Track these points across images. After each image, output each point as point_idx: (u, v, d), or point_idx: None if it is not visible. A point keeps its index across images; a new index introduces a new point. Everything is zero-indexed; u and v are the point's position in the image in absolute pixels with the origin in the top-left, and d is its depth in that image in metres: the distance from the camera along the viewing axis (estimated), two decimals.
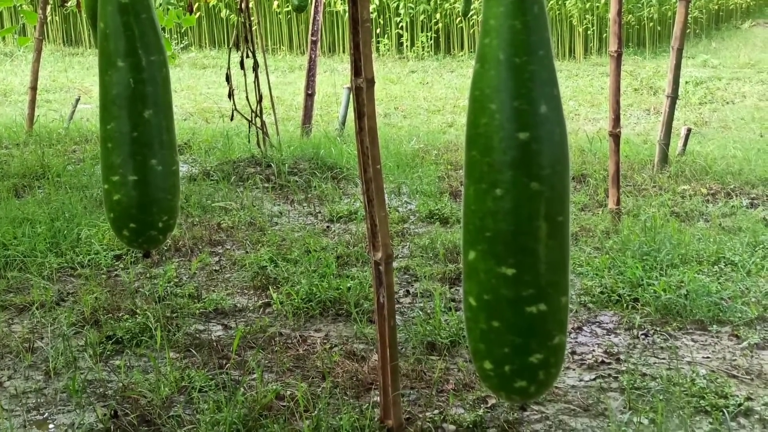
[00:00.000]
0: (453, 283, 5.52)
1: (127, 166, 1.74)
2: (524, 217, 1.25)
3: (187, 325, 4.88)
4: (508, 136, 1.22)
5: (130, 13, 1.74)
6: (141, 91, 1.73)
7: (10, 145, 9.86)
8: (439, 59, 19.06)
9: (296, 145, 9.13)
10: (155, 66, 1.76)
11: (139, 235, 1.79)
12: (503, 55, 1.22)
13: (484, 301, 1.30)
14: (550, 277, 1.26)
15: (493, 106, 1.22)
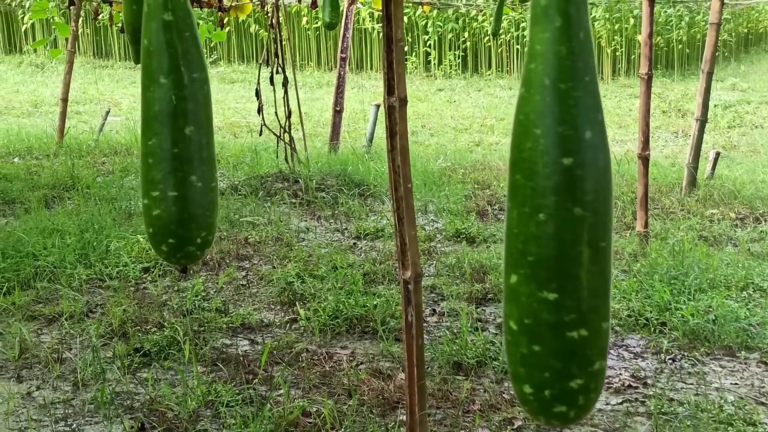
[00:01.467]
0: (479, 302, 5.51)
1: (168, 182, 1.75)
2: (567, 243, 1.25)
3: (214, 339, 4.89)
4: (552, 161, 1.22)
5: (174, 30, 1.76)
6: (182, 107, 1.74)
7: (40, 155, 9.96)
8: (466, 78, 19.09)
9: (324, 162, 9.17)
10: (197, 83, 1.77)
11: (177, 250, 1.80)
12: (548, 80, 1.23)
13: (525, 325, 1.30)
14: (592, 303, 1.26)
15: (537, 131, 1.23)
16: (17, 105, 15.08)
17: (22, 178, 8.56)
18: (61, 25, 9.99)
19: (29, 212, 7.18)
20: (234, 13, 9.33)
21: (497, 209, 7.79)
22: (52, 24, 18.30)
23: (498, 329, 5.11)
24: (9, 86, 17.34)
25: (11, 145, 10.50)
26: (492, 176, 8.89)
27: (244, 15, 9.75)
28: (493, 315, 5.34)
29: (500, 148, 11.61)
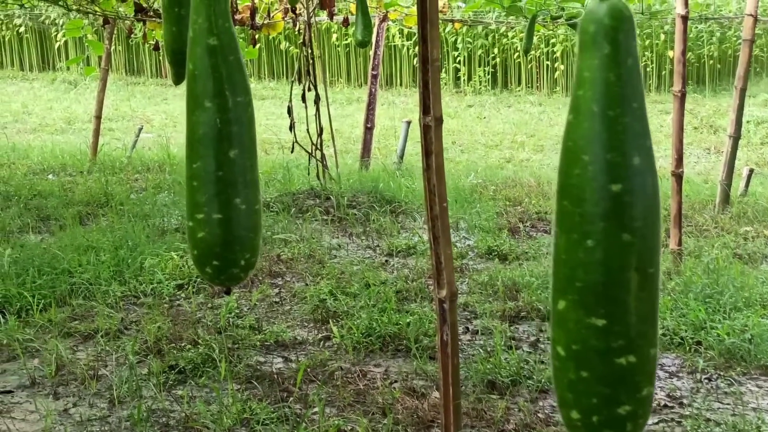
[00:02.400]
0: (513, 320, 5.50)
1: (212, 205, 1.77)
2: (615, 269, 1.25)
3: (248, 356, 4.91)
4: (601, 187, 1.23)
5: (219, 55, 1.78)
6: (227, 131, 1.76)
7: (74, 172, 10.05)
8: (496, 94, 19.08)
9: (355, 179, 9.19)
10: (241, 107, 1.79)
11: (221, 272, 1.82)
12: (597, 107, 1.24)
13: (572, 351, 1.30)
14: (640, 329, 1.27)
15: (586, 158, 1.24)
16: (51, 122, 15.24)
17: (57, 195, 8.64)
18: (95, 43, 10.08)
19: (64, 229, 7.25)
20: (266, 31, 9.39)
21: (529, 226, 7.78)
22: (85, 42, 18.50)
23: (532, 348, 5.09)
24: (43, 103, 17.52)
25: (46, 162, 10.61)
26: (523, 193, 8.88)
27: (276, 32, 9.81)
28: (527, 333, 5.32)
29: (531, 165, 11.59)
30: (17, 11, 19.14)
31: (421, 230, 7.62)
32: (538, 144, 13.31)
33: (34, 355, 4.94)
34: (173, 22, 2.66)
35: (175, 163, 10.35)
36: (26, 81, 21.49)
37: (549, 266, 5.05)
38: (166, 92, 19.59)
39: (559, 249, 1.33)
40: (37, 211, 7.99)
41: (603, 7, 1.28)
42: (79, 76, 20.70)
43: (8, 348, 4.99)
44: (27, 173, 9.95)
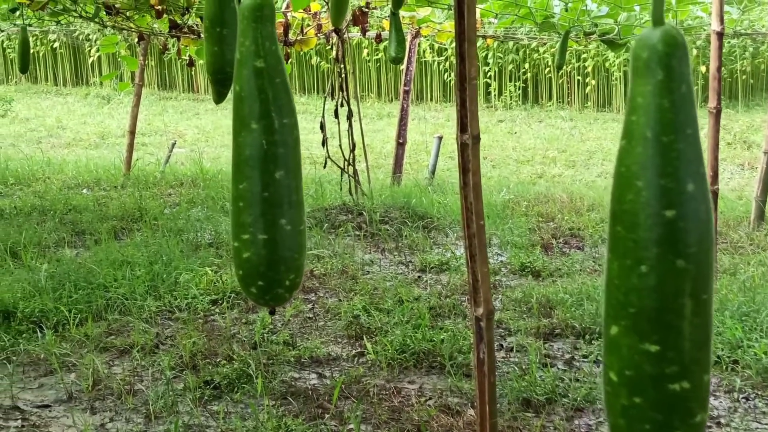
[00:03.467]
0: (547, 338, 5.48)
1: (258, 225, 1.79)
2: (669, 295, 1.25)
3: (282, 372, 4.92)
4: (655, 213, 1.23)
5: (265, 77, 1.80)
6: (273, 152, 1.78)
7: (108, 187, 10.14)
8: (527, 109, 19.05)
9: (387, 194, 9.21)
10: (287, 128, 1.81)
11: (266, 292, 1.83)
12: (650, 133, 1.24)
13: (625, 377, 1.30)
14: (694, 355, 1.26)
15: (639, 183, 1.24)
16: (85, 137, 15.38)
17: (92, 210, 8.72)
18: (130, 59, 10.19)
19: (99, 243, 7.31)
20: (298, 47, 9.43)
21: (562, 243, 7.75)
22: (119, 58, 18.68)
23: (567, 365, 5.07)
24: (77, 118, 17.69)
25: (80, 177, 10.71)
26: (556, 209, 8.85)
27: (309, 48, 9.86)
28: (561, 351, 5.30)
29: (563, 180, 11.55)
30: (52, 27, 19.33)
31: (454, 246, 7.62)
32: (569, 159, 13.27)
33: (70, 370, 4.98)
34: (215, 42, 2.69)
35: (208, 178, 10.42)
36: (60, 96, 21.71)
37: (581, 282, 5.03)
38: (198, 107, 19.72)
39: (611, 274, 1.32)
40: (72, 226, 8.06)
41: (656, 33, 1.28)
42: (112, 91, 20.89)
43: (45, 362, 5.04)
44: (62, 188, 10.04)
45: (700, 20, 12.31)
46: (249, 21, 1.89)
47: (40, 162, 11.67)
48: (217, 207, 8.90)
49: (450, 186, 10.21)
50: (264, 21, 1.89)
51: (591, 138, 15.31)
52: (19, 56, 7.29)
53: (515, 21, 7.77)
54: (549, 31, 8.19)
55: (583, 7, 6.95)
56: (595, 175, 12.19)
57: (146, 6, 7.74)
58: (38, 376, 4.91)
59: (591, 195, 9.64)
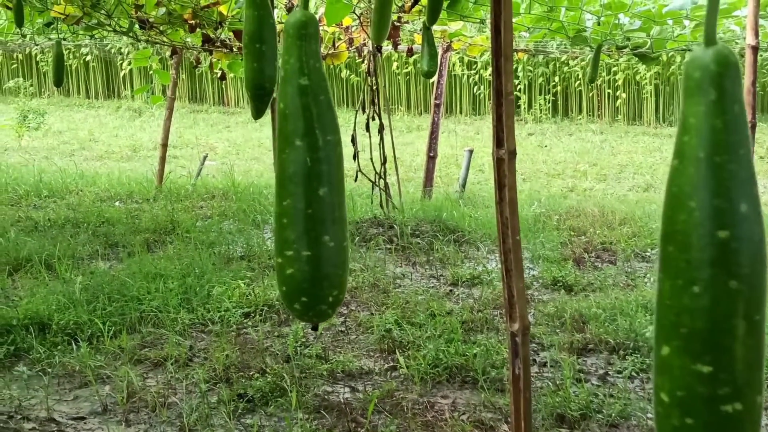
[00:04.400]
0: (580, 353, 5.45)
1: (301, 242, 1.79)
2: (722, 316, 1.24)
3: (315, 386, 4.93)
4: (707, 233, 1.22)
5: (309, 94, 1.81)
6: (317, 169, 1.78)
7: (140, 200, 10.20)
8: (557, 122, 19.01)
9: (418, 207, 9.21)
10: (330, 145, 1.82)
11: (309, 308, 1.84)
12: (703, 153, 1.24)
13: (677, 398, 1.29)
14: (747, 376, 1.25)
15: (692, 204, 1.23)
16: (117, 149, 15.50)
17: (124, 222, 8.78)
18: (162, 72, 10.26)
19: (132, 256, 7.36)
20: (330, 61, 9.46)
21: (594, 257, 7.72)
22: (150, 71, 18.81)
23: (600, 381, 5.04)
24: (109, 131, 17.83)
25: (113, 189, 10.78)
26: (587, 223, 8.81)
27: (340, 62, 9.89)
28: (595, 366, 5.27)
29: (594, 194, 11.51)
30: (86, 41, 19.52)
31: (485, 260, 7.61)
32: (600, 173, 13.21)
33: (105, 382, 5.01)
34: (254, 58, 2.70)
35: (240, 191, 10.47)
36: (92, 108, 21.90)
37: (614, 297, 5.00)
38: (229, 120, 19.83)
39: (663, 295, 1.32)
40: (105, 238, 8.11)
41: (708, 53, 1.28)
42: (143, 104, 21.05)
43: (80, 374, 5.07)
44: (95, 200, 10.11)
45: (732, 34, 12.23)
46: (294, 39, 1.90)
47: (73, 174, 11.77)
48: (249, 220, 8.93)
49: (481, 200, 10.21)
50: (308, 39, 1.90)
51: (622, 151, 15.24)
52: (54, 70, 7.36)
53: (546, 35, 7.77)
54: (581, 44, 8.16)
55: (615, 21, 6.93)
56: (626, 189, 12.13)
57: (180, 20, 7.80)
58: (73, 388, 4.94)
59: (623, 209, 9.59)
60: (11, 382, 4.95)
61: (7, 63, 23.98)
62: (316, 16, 8.30)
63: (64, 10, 7.41)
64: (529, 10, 7.15)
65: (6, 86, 22.87)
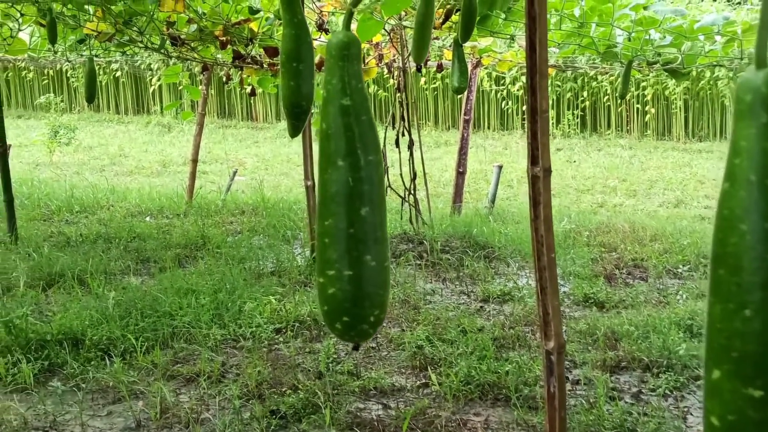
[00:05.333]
0: (613, 370, 5.42)
1: (343, 261, 1.80)
2: None
3: (348, 402, 4.93)
4: (759, 257, 1.22)
5: (351, 114, 1.82)
6: (359, 189, 1.79)
7: (171, 215, 10.25)
8: (585, 137, 18.95)
9: (447, 223, 9.20)
10: (372, 165, 1.83)
11: (351, 328, 1.84)
12: (755, 176, 1.23)
13: (728, 422, 1.29)
14: None
15: (743, 227, 1.23)
16: (147, 165, 15.60)
17: (155, 237, 8.83)
18: (193, 88, 10.34)
19: (164, 271, 7.40)
20: None
21: (625, 273, 7.68)
22: (180, 87, 18.95)
23: (634, 399, 5.00)
24: (138, 146, 17.96)
25: (143, 204, 10.85)
26: (618, 239, 8.77)
27: (370, 78, 9.92)
28: (628, 384, 5.24)
29: (624, 210, 11.46)
30: (116, 57, 19.71)
31: (516, 276, 7.59)
32: (630, 189, 13.16)
33: (138, 397, 5.03)
34: (291, 77, 2.72)
35: (269, 207, 10.50)
36: (122, 124, 22.08)
37: (647, 314, 4.96)
38: (257, 135, 19.92)
39: (713, 318, 1.31)
40: (136, 253, 8.16)
41: (760, 75, 1.27)
42: (172, 120, 21.20)
43: (114, 390, 5.09)
44: (126, 215, 10.18)
45: None
46: (336, 59, 1.91)
47: (104, 190, 11.86)
48: (279, 235, 8.96)
49: (510, 215, 10.19)
50: (351, 59, 1.91)
51: (651, 167, 15.17)
52: (86, 86, 7.44)
53: (578, 51, 7.76)
54: (611, 60, 8.14)
55: (646, 37, 6.92)
56: (656, 204, 12.07)
57: (211, 37, 7.85)
58: (107, 404, 4.96)
59: (653, 225, 9.54)
60: (46, 397, 4.99)
61: (39, 79, 24.23)
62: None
63: (96, 27, 7.48)
64: (560, 26, 7.15)
65: (37, 102, 23.10)
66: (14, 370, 5.25)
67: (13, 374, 5.21)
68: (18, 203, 9.60)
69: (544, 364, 3.63)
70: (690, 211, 11.44)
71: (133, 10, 6.96)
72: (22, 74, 24.43)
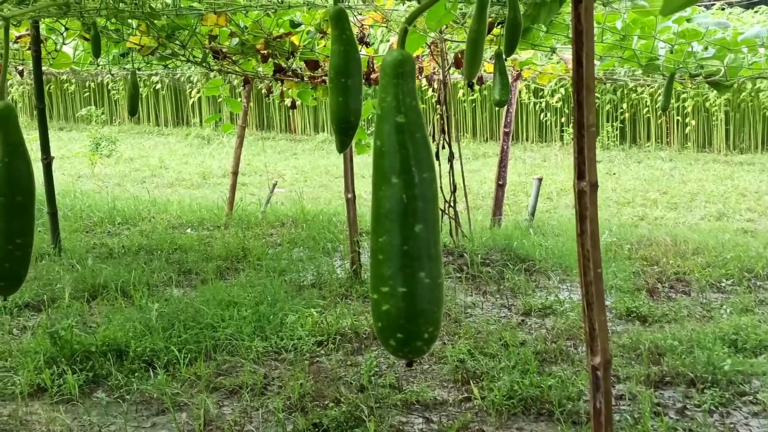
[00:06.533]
0: (657, 386, 5.37)
1: (397, 278, 1.81)
2: None
3: (390, 416, 4.92)
4: None
5: (406, 132, 1.83)
6: (413, 206, 1.80)
7: (211, 227, 10.32)
8: (625, 149, 18.83)
9: (487, 236, 9.18)
10: (426, 182, 1.83)
11: (405, 345, 1.85)
12: None
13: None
14: None
15: None
16: (187, 176, 15.71)
17: (196, 249, 8.88)
18: (233, 101, 10.41)
19: (205, 283, 7.44)
20: None
21: (667, 287, 7.61)
22: (220, 99, 19.07)
23: (679, 415, 4.96)
24: (178, 158, 18.09)
25: (184, 216, 10.92)
26: (660, 252, 8.70)
27: None
28: (673, 399, 5.19)
29: (666, 223, 11.36)
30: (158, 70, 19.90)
31: (557, 290, 7.55)
32: (671, 201, 13.05)
33: (182, 409, 5.06)
34: (340, 93, 2.73)
35: (309, 219, 10.53)
36: (162, 136, 22.26)
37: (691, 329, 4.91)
38: (296, 147, 20.00)
39: None
40: (178, 265, 8.22)
41: None
42: (212, 132, 21.34)
43: (157, 401, 5.13)
44: (167, 227, 10.26)
45: None
46: (390, 77, 1.91)
47: (145, 201, 11.95)
48: (319, 248, 8.98)
49: (550, 228, 10.14)
50: (405, 77, 1.92)
51: (692, 179, 15.04)
52: (129, 99, 7.50)
53: (620, 63, 7.73)
54: (653, 72, 8.09)
55: (688, 49, 6.87)
56: (698, 217, 11.96)
57: (252, 51, 7.90)
58: (151, 415, 5.00)
59: (695, 238, 9.46)
60: (91, 408, 5.03)
61: (80, 91, 24.50)
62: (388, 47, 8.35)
63: (139, 41, 7.56)
64: (601, 39, 7.12)
65: (78, 114, 23.36)
66: (60, 381, 5.31)
67: (58, 385, 5.27)
68: (61, 215, 9.71)
69: (590, 379, 3.61)
70: (732, 224, 11.32)
71: (176, 24, 7.03)
72: (63, 87, 24.72)
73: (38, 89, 8.69)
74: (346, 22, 2.63)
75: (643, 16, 6.51)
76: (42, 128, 8.62)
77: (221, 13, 6.58)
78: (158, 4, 6.20)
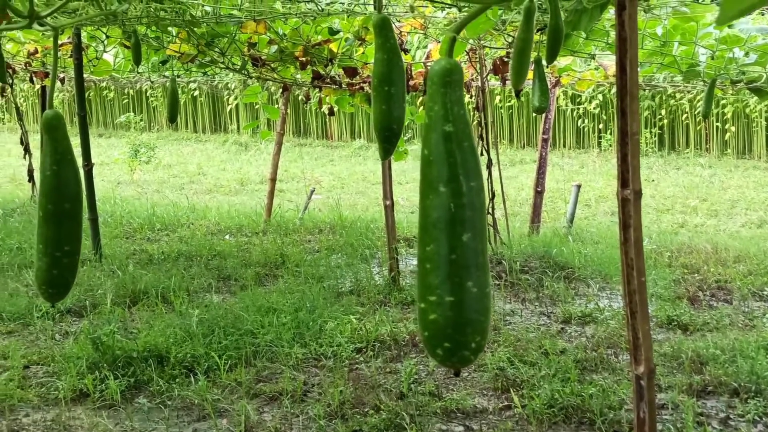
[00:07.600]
0: (699, 395, 5.32)
1: (444, 287, 1.80)
2: None
3: (430, 424, 4.91)
4: None
5: (453, 141, 1.83)
6: (460, 215, 1.79)
7: (250, 233, 10.36)
8: (663, 156, 18.70)
9: (526, 243, 9.14)
10: (474, 191, 1.82)
11: (452, 354, 1.84)
12: None
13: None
14: None
15: None
16: (225, 183, 15.80)
17: (235, 255, 8.93)
18: (271, 108, 10.46)
19: (245, 289, 7.48)
20: None
21: (709, 296, 7.54)
22: (258, 106, 19.17)
23: (722, 425, 4.91)
24: (216, 164, 18.20)
25: (222, 223, 10.98)
26: (701, 260, 8.62)
27: None
28: (715, 409, 5.13)
29: (706, 230, 11.26)
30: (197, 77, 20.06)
31: (597, 297, 7.50)
32: (711, 209, 12.93)
33: (222, 415, 5.08)
34: (383, 100, 2.73)
35: (347, 225, 10.55)
36: (200, 142, 22.40)
37: (733, 338, 4.86)
38: (332, 153, 20.06)
39: None
40: (217, 272, 8.27)
41: None
42: (249, 138, 21.46)
43: (198, 407, 5.15)
44: (206, 233, 10.31)
45: None
46: (438, 86, 1.91)
47: (184, 208, 12.03)
48: (357, 254, 8.99)
49: (589, 235, 10.08)
50: (453, 86, 1.91)
51: (732, 186, 14.90)
52: (168, 106, 7.55)
53: (660, 70, 7.68)
54: (694, 79, 8.03)
55: (729, 55, 6.81)
56: (739, 225, 11.84)
57: (291, 58, 7.93)
58: (192, 421, 5.02)
59: (736, 246, 9.36)
60: (133, 413, 5.07)
61: (119, 98, 24.74)
62: (425, 54, 8.34)
63: (179, 49, 7.62)
64: (641, 45, 7.08)
65: (117, 121, 23.58)
66: (102, 387, 5.35)
67: (101, 390, 5.31)
68: (101, 221, 9.80)
69: (634, 388, 3.58)
70: None
71: (216, 31, 7.08)
72: (102, 93, 24.98)
73: (80, 97, 8.77)
74: (389, 30, 2.64)
75: (684, 22, 6.47)
76: (83, 135, 8.71)
77: (260, 21, 6.61)
78: (198, 12, 6.24)
